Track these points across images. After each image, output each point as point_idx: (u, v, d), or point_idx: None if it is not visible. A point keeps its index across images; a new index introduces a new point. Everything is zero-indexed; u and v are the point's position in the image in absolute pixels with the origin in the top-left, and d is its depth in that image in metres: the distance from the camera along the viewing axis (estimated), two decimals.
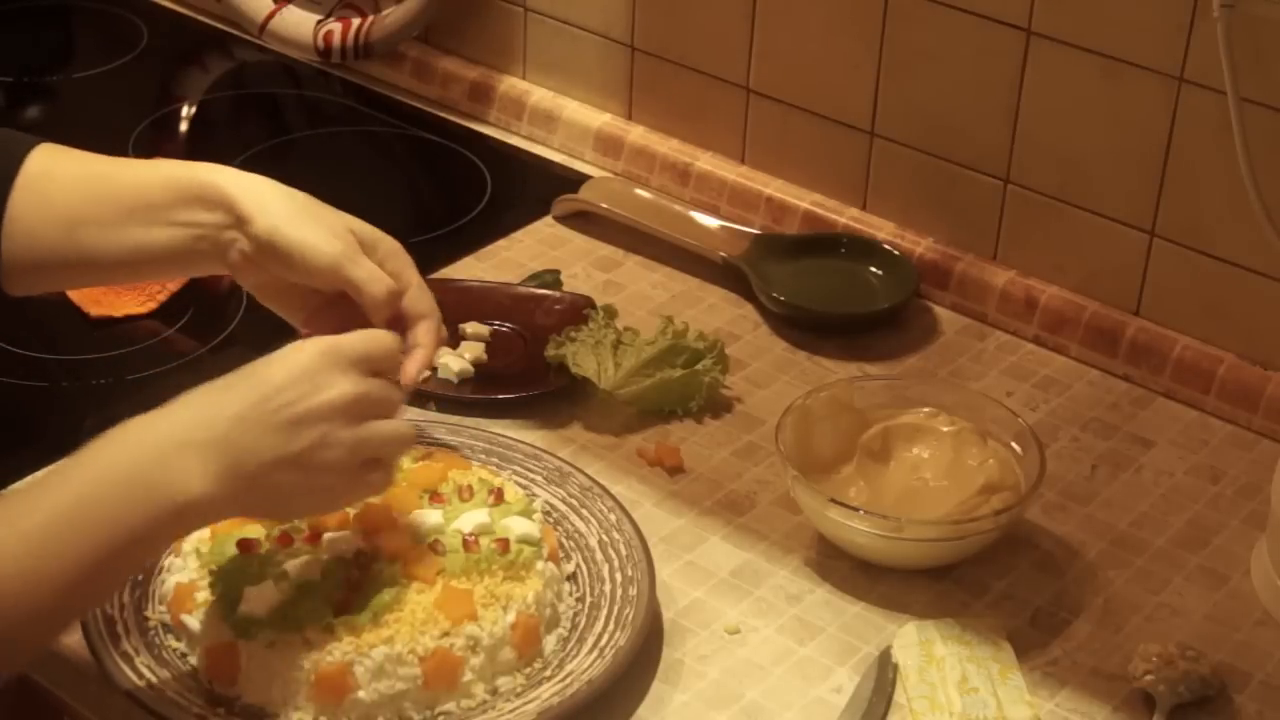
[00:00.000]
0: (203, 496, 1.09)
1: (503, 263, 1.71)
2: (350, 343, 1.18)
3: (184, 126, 1.99)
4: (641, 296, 1.67)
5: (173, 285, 1.63)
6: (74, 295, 1.60)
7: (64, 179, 1.27)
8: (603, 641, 1.25)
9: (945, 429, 1.41)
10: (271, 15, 2.06)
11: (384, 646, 1.18)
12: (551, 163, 1.89)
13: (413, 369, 1.24)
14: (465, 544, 1.25)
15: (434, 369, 1.53)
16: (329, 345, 1.17)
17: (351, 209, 1.83)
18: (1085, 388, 1.58)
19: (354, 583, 1.21)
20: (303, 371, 1.14)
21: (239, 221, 1.25)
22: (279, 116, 2.06)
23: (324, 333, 1.21)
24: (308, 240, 1.23)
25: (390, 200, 1.90)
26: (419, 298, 1.26)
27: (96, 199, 1.26)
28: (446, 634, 1.20)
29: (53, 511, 1.05)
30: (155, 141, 1.91)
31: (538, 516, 1.30)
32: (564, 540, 1.34)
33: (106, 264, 1.29)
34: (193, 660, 1.22)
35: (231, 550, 1.24)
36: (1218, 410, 1.54)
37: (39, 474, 1.07)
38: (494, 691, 1.22)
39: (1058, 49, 1.55)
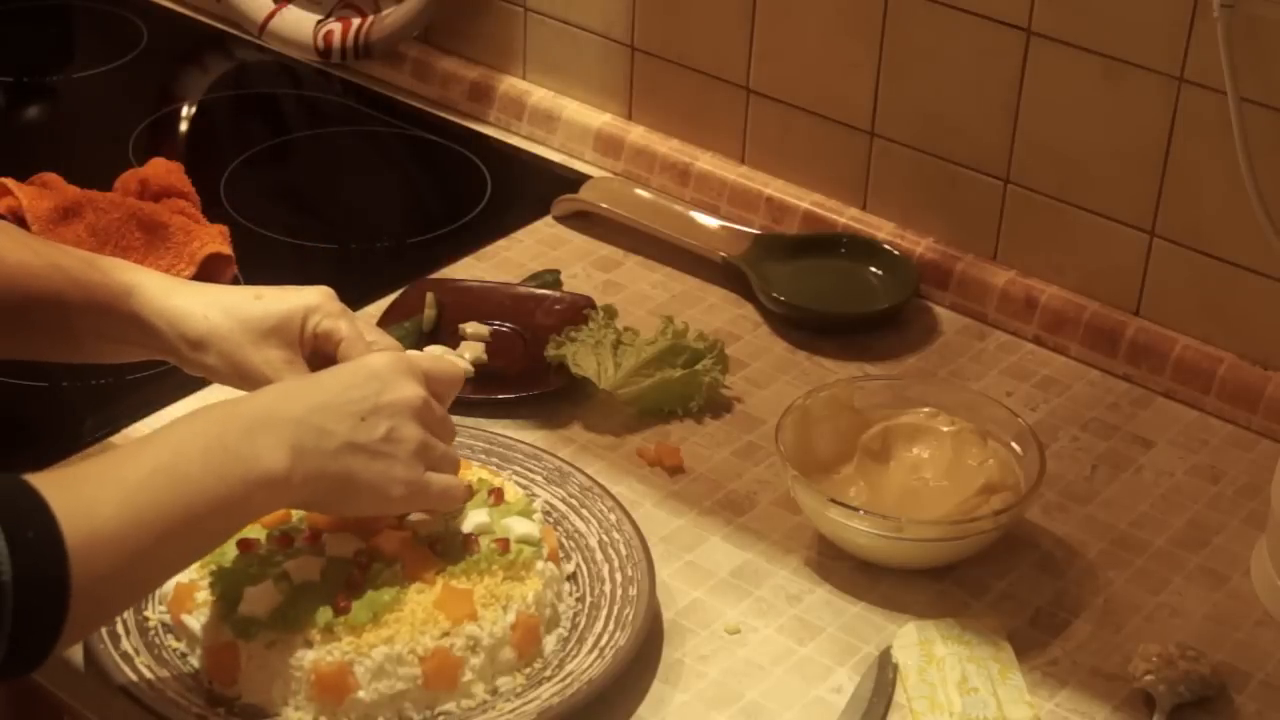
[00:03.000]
0: (279, 472, 1.13)
1: (503, 263, 1.71)
2: (419, 356, 1.27)
3: (184, 126, 1.99)
4: (641, 296, 1.67)
5: None
6: None
7: (3, 264, 1.27)
8: (603, 641, 1.25)
9: (945, 429, 1.41)
10: (271, 15, 2.06)
11: (384, 646, 1.18)
12: (551, 163, 1.89)
13: None
14: (465, 544, 1.25)
15: None
16: (401, 355, 1.25)
17: (352, 209, 1.84)
18: (1085, 388, 1.58)
19: (354, 583, 1.21)
20: (376, 371, 1.21)
21: (175, 354, 1.29)
22: (279, 116, 2.06)
23: None
24: (246, 370, 1.27)
25: (390, 200, 1.90)
26: (353, 345, 1.28)
27: (33, 298, 1.27)
28: (446, 634, 1.20)
29: (151, 465, 1.09)
30: (155, 141, 1.91)
31: (538, 516, 1.30)
32: (564, 540, 1.34)
33: (44, 349, 1.31)
34: (193, 660, 1.22)
35: (231, 550, 1.24)
36: (1218, 410, 1.54)
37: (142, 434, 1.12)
38: (494, 691, 1.22)
39: (1058, 49, 1.55)
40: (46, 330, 1.28)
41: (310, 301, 1.28)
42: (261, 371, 1.26)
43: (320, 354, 1.28)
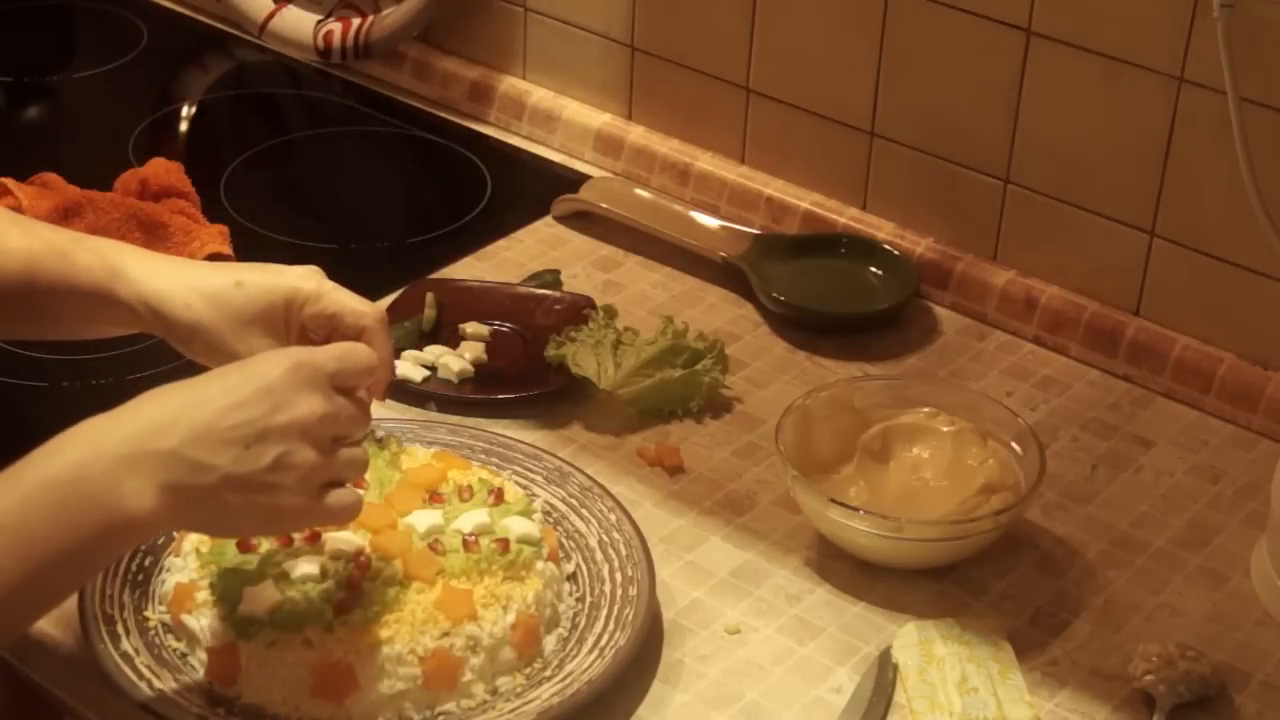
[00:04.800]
0: (144, 514, 1.06)
1: (503, 263, 1.71)
2: (324, 357, 1.14)
3: (184, 126, 1.99)
4: (641, 296, 1.67)
5: None
6: None
7: (5, 253, 1.24)
8: (603, 641, 1.25)
9: (945, 429, 1.41)
10: (271, 15, 2.06)
11: (384, 646, 1.18)
12: (551, 163, 1.89)
13: (377, 389, 1.24)
14: (465, 544, 1.25)
15: (434, 368, 1.53)
16: (302, 359, 1.13)
17: (352, 209, 1.84)
18: (1085, 388, 1.58)
19: (354, 583, 1.21)
20: (270, 385, 1.10)
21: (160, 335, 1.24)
22: (279, 116, 2.05)
23: None
24: (231, 353, 1.21)
25: (390, 200, 1.90)
26: (344, 314, 1.22)
27: (14, 282, 1.24)
28: (446, 634, 1.20)
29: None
30: (155, 141, 1.91)
31: (538, 516, 1.30)
32: (564, 540, 1.34)
33: (31, 330, 1.29)
34: (193, 660, 1.22)
35: (231, 550, 1.24)
36: (1218, 410, 1.54)
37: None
38: (494, 691, 1.22)
39: (1058, 49, 1.55)
40: (28, 312, 1.25)
41: (289, 286, 1.22)
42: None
43: (307, 338, 1.24)
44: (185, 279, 1.24)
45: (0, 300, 1.25)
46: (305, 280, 1.24)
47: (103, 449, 1.06)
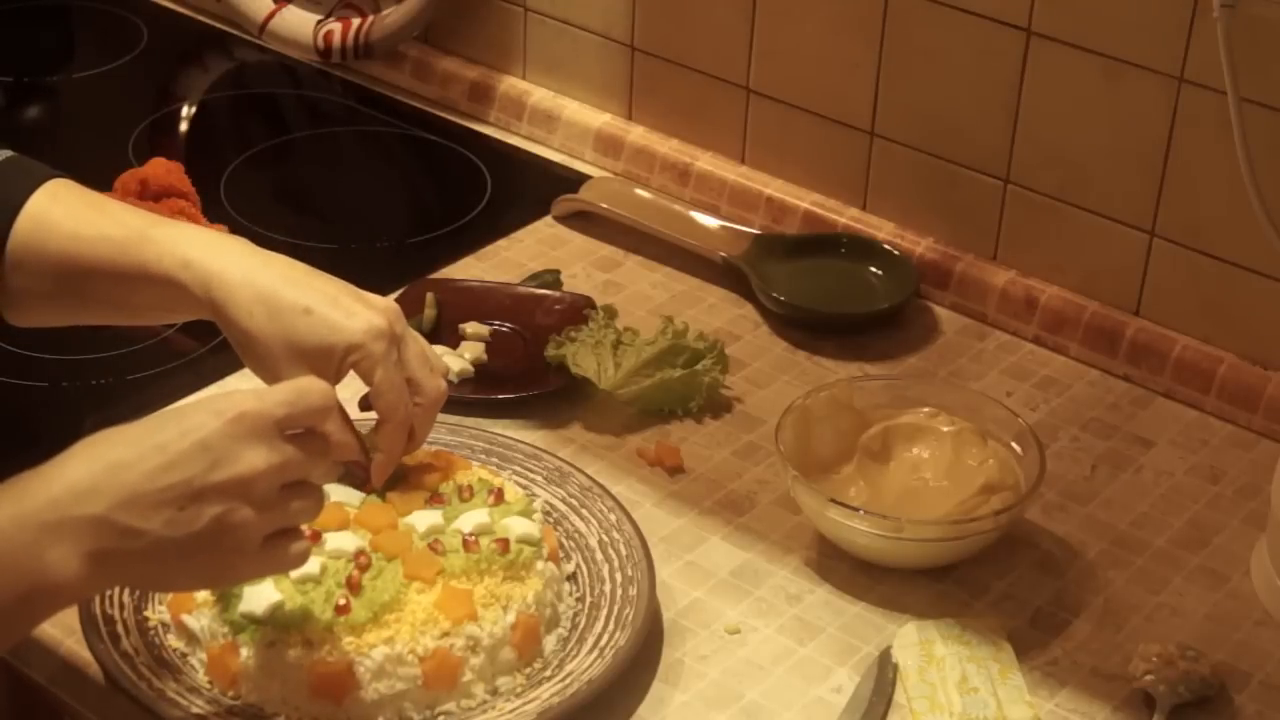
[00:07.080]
0: (70, 582, 1.02)
1: (503, 263, 1.71)
2: (272, 403, 1.08)
3: (184, 126, 1.99)
4: (641, 296, 1.67)
5: None
6: None
7: (59, 234, 1.23)
8: (603, 641, 1.25)
9: (945, 429, 1.41)
10: (271, 15, 2.06)
11: (384, 646, 1.18)
12: (551, 163, 1.89)
13: (374, 474, 1.23)
14: (465, 544, 1.24)
15: None
16: (245, 409, 1.06)
17: (352, 209, 1.84)
18: (1085, 388, 1.58)
19: (354, 583, 1.21)
20: (207, 440, 1.05)
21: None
22: (279, 116, 2.06)
23: None
24: (275, 379, 1.19)
25: (390, 200, 1.91)
26: (378, 397, 1.21)
27: (87, 270, 1.22)
28: (446, 634, 1.20)
29: None
30: (155, 141, 1.91)
31: (538, 516, 1.30)
32: (564, 540, 1.34)
33: (104, 317, 1.28)
34: (193, 660, 1.22)
35: None
36: (1218, 410, 1.54)
37: None
38: (494, 691, 1.22)
39: (1058, 49, 1.55)
40: (101, 301, 1.24)
41: (354, 339, 1.18)
42: None
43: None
44: (255, 283, 1.19)
45: (76, 287, 1.24)
46: (369, 333, 1.19)
47: (25, 515, 1.01)
